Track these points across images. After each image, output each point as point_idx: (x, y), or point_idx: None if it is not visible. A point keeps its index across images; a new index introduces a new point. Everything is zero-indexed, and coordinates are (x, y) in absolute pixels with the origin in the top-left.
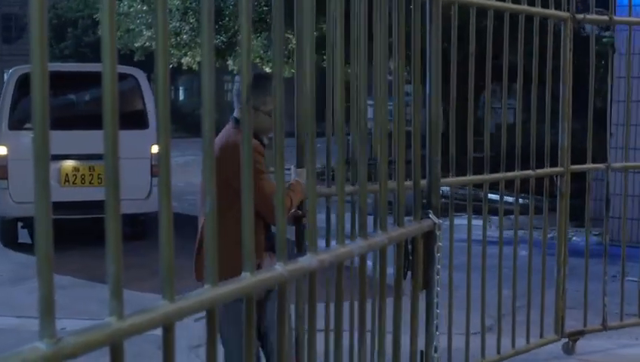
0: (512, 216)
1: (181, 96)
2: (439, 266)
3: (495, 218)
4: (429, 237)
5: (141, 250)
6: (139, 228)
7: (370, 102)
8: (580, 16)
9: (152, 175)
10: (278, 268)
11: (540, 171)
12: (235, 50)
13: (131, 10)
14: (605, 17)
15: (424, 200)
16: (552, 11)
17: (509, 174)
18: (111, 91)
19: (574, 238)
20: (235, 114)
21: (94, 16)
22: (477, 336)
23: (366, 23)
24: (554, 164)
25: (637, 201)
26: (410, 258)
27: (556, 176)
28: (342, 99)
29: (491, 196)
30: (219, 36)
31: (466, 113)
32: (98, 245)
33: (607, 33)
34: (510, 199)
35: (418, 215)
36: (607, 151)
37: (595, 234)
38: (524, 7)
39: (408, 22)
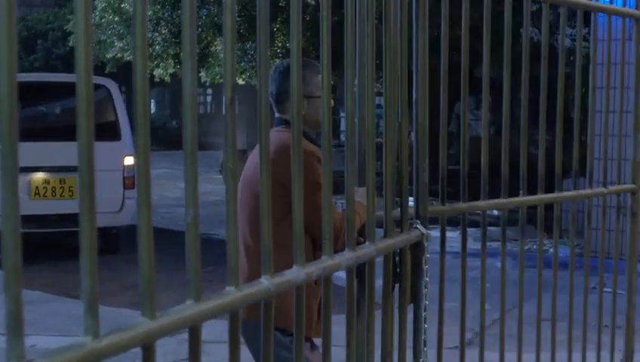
0: (493, 228)
1: (152, 109)
2: (427, 279)
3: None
4: (417, 248)
5: (113, 264)
6: (111, 242)
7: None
8: None
9: (125, 187)
10: (265, 282)
11: (611, 188)
12: (207, 62)
13: (103, 21)
14: None
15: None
16: (624, 9)
17: (583, 192)
18: (86, 94)
19: (551, 250)
20: (278, 115)
21: (65, 28)
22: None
23: (353, 26)
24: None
25: (613, 213)
26: (398, 270)
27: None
28: (328, 110)
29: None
30: None
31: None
32: (69, 259)
33: (583, 44)
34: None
35: (406, 225)
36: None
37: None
38: (598, 3)
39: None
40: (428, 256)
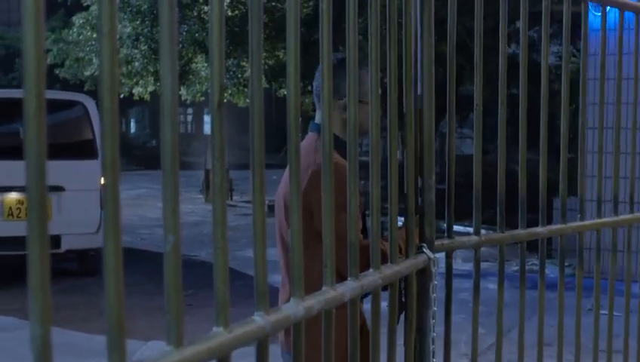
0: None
1: (132, 128)
2: (435, 308)
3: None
4: (424, 274)
5: (90, 288)
6: (88, 264)
7: None
8: None
9: (102, 207)
10: (258, 319)
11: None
12: (188, 79)
13: (80, 37)
14: None
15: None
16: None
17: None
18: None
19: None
20: (317, 119)
21: None
22: None
23: (355, 28)
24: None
25: (607, 233)
26: (403, 299)
27: None
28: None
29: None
30: None
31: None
32: None
33: (573, 59)
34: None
35: (413, 249)
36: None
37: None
38: None
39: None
40: (435, 283)
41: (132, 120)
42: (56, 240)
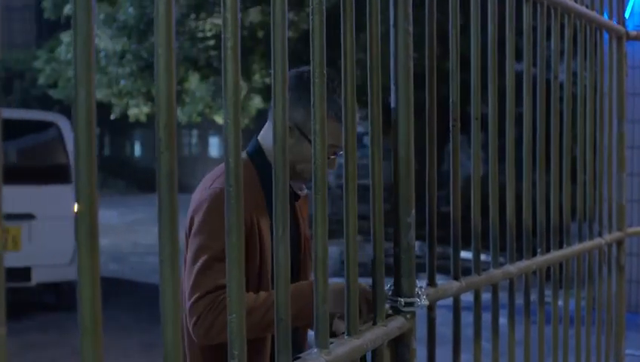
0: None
1: (137, 152)
2: None
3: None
4: (400, 345)
5: (63, 323)
6: (63, 298)
7: None
8: (634, 32)
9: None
10: None
11: (608, 238)
12: (180, 99)
13: (69, 56)
14: None
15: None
16: (609, 22)
17: (575, 248)
18: None
19: (559, 302)
20: (260, 135)
21: (36, 67)
22: None
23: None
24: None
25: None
26: None
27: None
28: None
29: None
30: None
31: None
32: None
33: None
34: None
35: (382, 312)
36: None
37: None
38: (581, 8)
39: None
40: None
41: (137, 142)
42: (25, 273)
